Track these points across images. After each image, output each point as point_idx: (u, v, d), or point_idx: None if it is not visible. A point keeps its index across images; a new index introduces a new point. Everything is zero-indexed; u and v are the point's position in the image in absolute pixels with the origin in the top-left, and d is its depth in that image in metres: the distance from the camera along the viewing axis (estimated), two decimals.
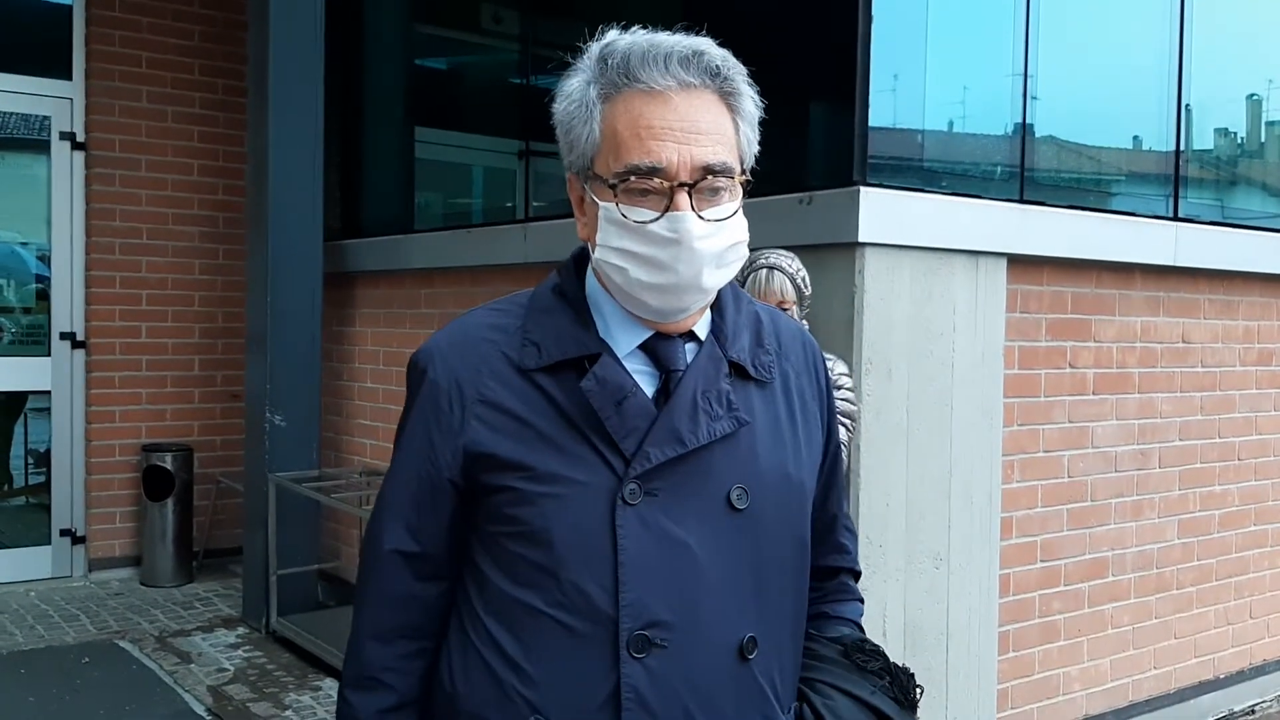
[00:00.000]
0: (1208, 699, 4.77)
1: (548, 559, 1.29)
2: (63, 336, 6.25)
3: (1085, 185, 4.48)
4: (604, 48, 1.30)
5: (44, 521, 6.30)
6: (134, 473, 6.33)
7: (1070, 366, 4.16)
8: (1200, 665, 4.75)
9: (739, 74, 1.31)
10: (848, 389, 3.12)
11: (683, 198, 1.26)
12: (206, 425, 6.62)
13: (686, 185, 1.26)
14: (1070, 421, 4.17)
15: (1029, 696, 4.10)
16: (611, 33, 1.32)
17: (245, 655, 5.06)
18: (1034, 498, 4.07)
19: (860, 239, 3.39)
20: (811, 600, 1.48)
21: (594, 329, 1.34)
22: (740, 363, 1.37)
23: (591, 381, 1.30)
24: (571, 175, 1.36)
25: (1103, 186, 4.58)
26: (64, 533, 6.29)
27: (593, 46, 1.32)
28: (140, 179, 6.38)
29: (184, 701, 4.49)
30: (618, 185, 1.27)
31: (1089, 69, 4.41)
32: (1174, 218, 4.57)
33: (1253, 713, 4.92)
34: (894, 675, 1.45)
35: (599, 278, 1.36)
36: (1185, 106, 4.63)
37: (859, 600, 1.60)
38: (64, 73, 6.21)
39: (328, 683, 4.68)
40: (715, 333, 1.37)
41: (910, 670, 1.48)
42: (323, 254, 5.53)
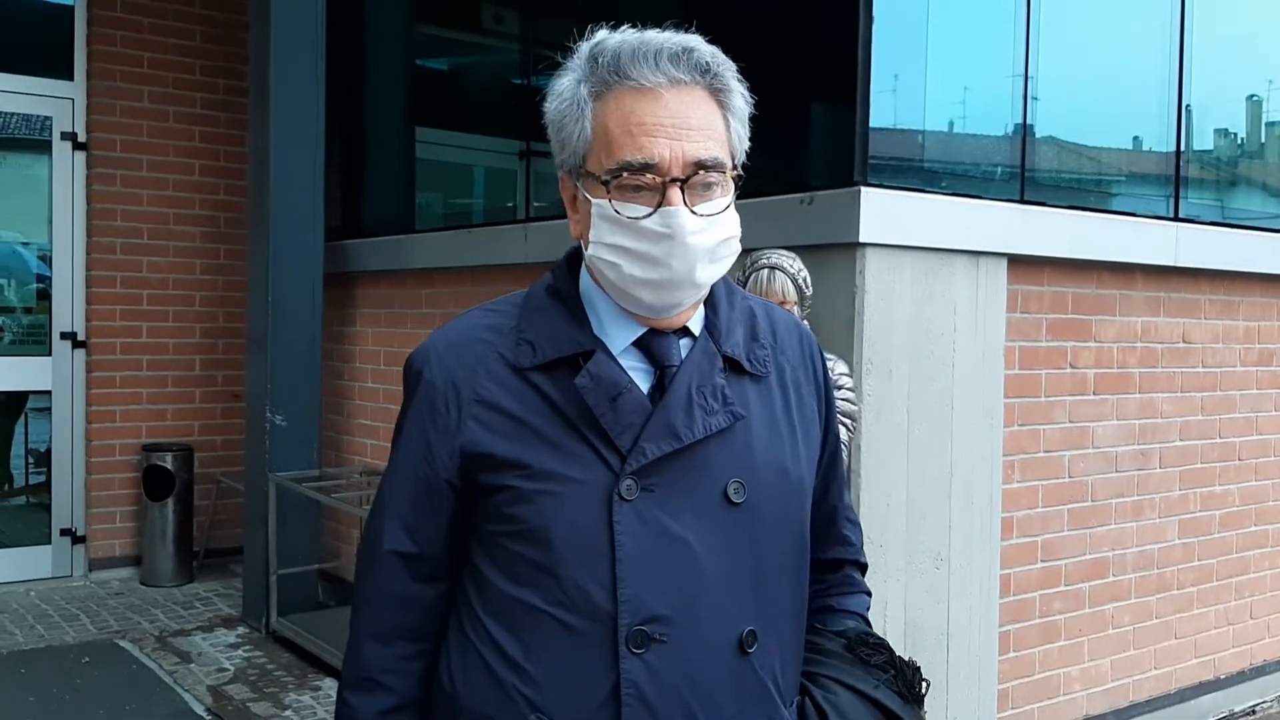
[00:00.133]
0: (1208, 699, 4.77)
1: (546, 557, 1.29)
2: (63, 336, 6.26)
3: (1086, 186, 4.48)
4: (594, 46, 1.31)
5: (44, 521, 6.30)
6: (134, 472, 6.33)
7: (1071, 367, 4.16)
8: (1201, 665, 4.74)
9: (729, 70, 1.32)
10: (848, 389, 3.12)
11: (675, 193, 1.26)
12: (207, 425, 6.62)
13: (679, 180, 1.26)
14: (1071, 421, 4.17)
15: (1029, 697, 4.10)
16: (601, 32, 1.32)
17: (245, 655, 5.06)
18: (1034, 498, 4.07)
19: (861, 239, 3.39)
20: (816, 593, 1.48)
21: (588, 327, 1.35)
22: (735, 357, 1.37)
23: (586, 378, 1.30)
24: (564, 174, 1.36)
25: (1103, 187, 4.58)
26: (64, 532, 6.29)
27: (583, 45, 1.32)
28: (141, 179, 6.38)
29: (184, 701, 4.49)
30: (610, 182, 1.27)
31: (1089, 69, 4.41)
32: (1174, 218, 4.57)
33: (1253, 713, 4.92)
34: (899, 669, 1.44)
35: (593, 275, 1.36)
36: (1186, 107, 4.63)
37: (865, 593, 1.59)
38: (65, 73, 6.21)
39: (328, 683, 4.68)
40: (709, 328, 1.38)
41: (916, 664, 1.47)
42: (323, 254, 5.53)
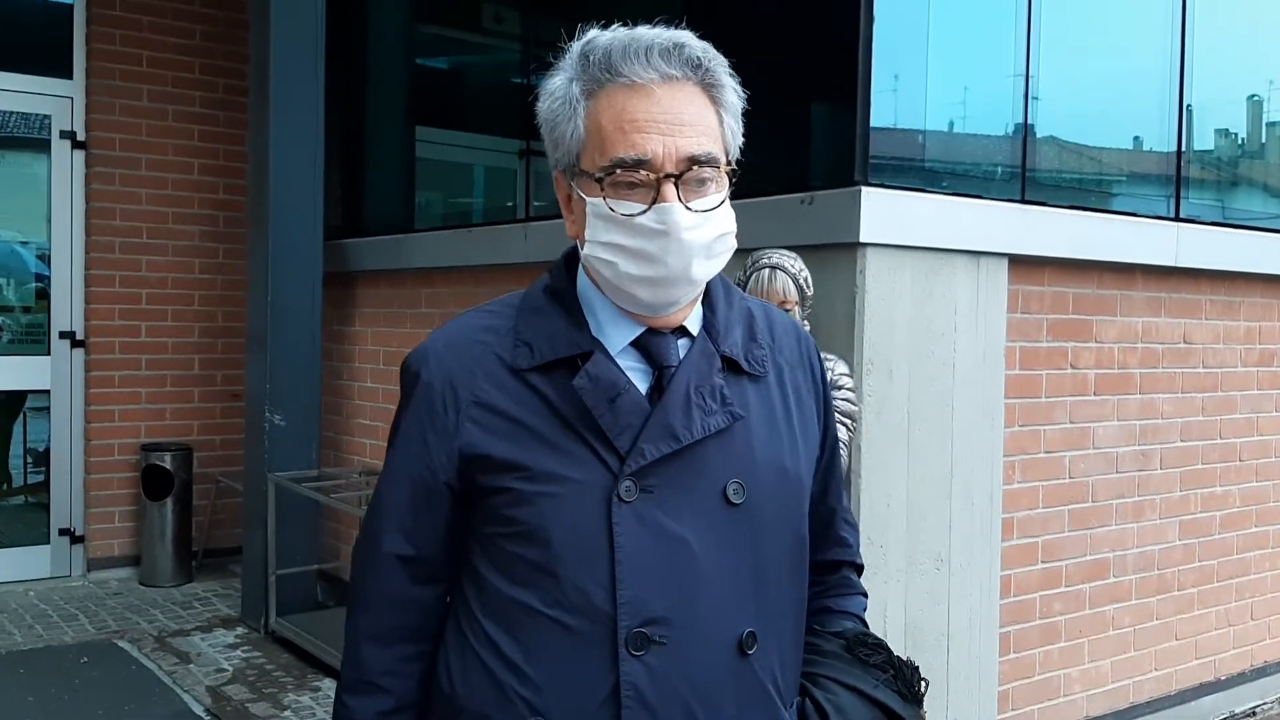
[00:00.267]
0: (1209, 700, 4.76)
1: (545, 558, 1.28)
2: (62, 335, 6.25)
3: (1086, 186, 4.47)
4: (585, 45, 1.30)
5: (43, 521, 6.30)
6: (133, 472, 6.33)
7: (1071, 367, 4.15)
8: (1201, 667, 4.74)
9: (720, 65, 1.31)
10: (848, 389, 3.11)
11: (669, 189, 1.25)
12: (206, 425, 6.61)
13: (673, 176, 1.25)
14: (1071, 422, 4.16)
15: (1030, 698, 4.09)
16: (593, 30, 1.32)
17: (244, 655, 5.05)
18: (1035, 499, 4.06)
19: (862, 239, 3.38)
20: (813, 595, 1.48)
21: (586, 327, 1.34)
22: (733, 357, 1.36)
23: (584, 379, 1.29)
24: (558, 173, 1.36)
25: (1104, 187, 4.57)
26: (63, 532, 6.29)
27: (574, 44, 1.32)
28: (140, 178, 6.38)
29: (183, 702, 4.49)
30: (604, 179, 1.27)
31: (1090, 70, 4.40)
32: (1175, 218, 4.57)
33: (1254, 714, 4.92)
34: (898, 669, 1.44)
35: (590, 275, 1.36)
36: (1186, 107, 4.63)
37: (862, 594, 1.59)
38: (64, 72, 6.21)
39: (326, 683, 4.68)
40: (707, 328, 1.37)
41: (914, 664, 1.47)
42: (323, 253, 5.53)
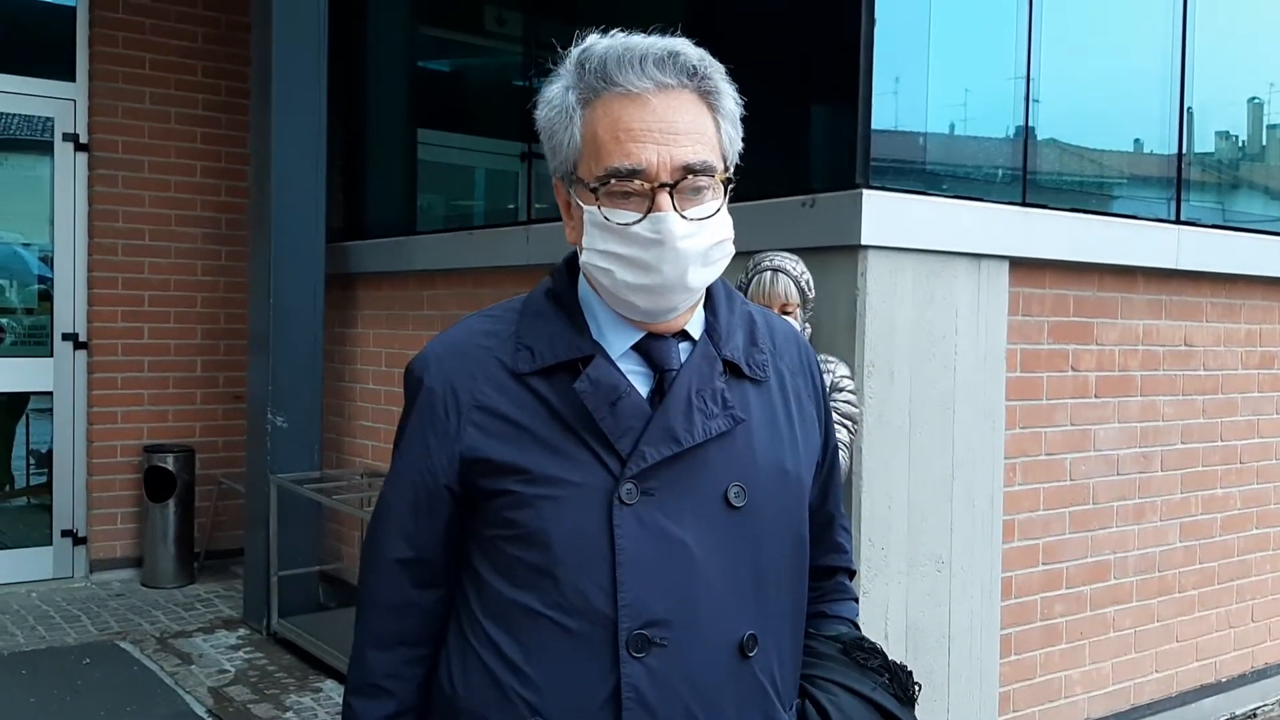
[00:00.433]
0: (1209, 702, 4.76)
1: (546, 560, 1.29)
2: (65, 337, 6.26)
3: (1087, 188, 4.48)
4: (581, 53, 1.31)
5: (45, 522, 6.30)
6: (135, 473, 6.33)
7: (1072, 369, 4.15)
8: (1202, 669, 4.74)
9: (717, 72, 1.32)
10: (849, 391, 3.12)
11: (664, 198, 1.26)
12: (208, 426, 6.62)
13: (668, 186, 1.26)
14: (1072, 424, 4.16)
15: (1031, 700, 4.09)
16: (591, 36, 1.32)
17: (246, 657, 5.06)
18: (1036, 500, 4.06)
19: (863, 242, 3.39)
20: (809, 599, 1.49)
21: (587, 331, 1.35)
22: (735, 361, 1.37)
23: (585, 383, 1.30)
24: (557, 180, 1.36)
25: (1105, 189, 4.57)
26: (65, 533, 6.29)
27: (571, 52, 1.32)
28: (143, 180, 6.39)
29: (185, 703, 4.49)
30: (599, 189, 1.28)
31: (1091, 72, 4.40)
32: (1176, 221, 4.57)
33: (1255, 716, 4.92)
34: (893, 673, 1.46)
35: (589, 280, 1.36)
36: (1187, 110, 4.63)
37: (855, 599, 1.61)
38: (67, 74, 6.22)
39: (329, 684, 4.68)
40: (709, 332, 1.38)
41: (908, 668, 1.49)
42: (325, 255, 5.53)
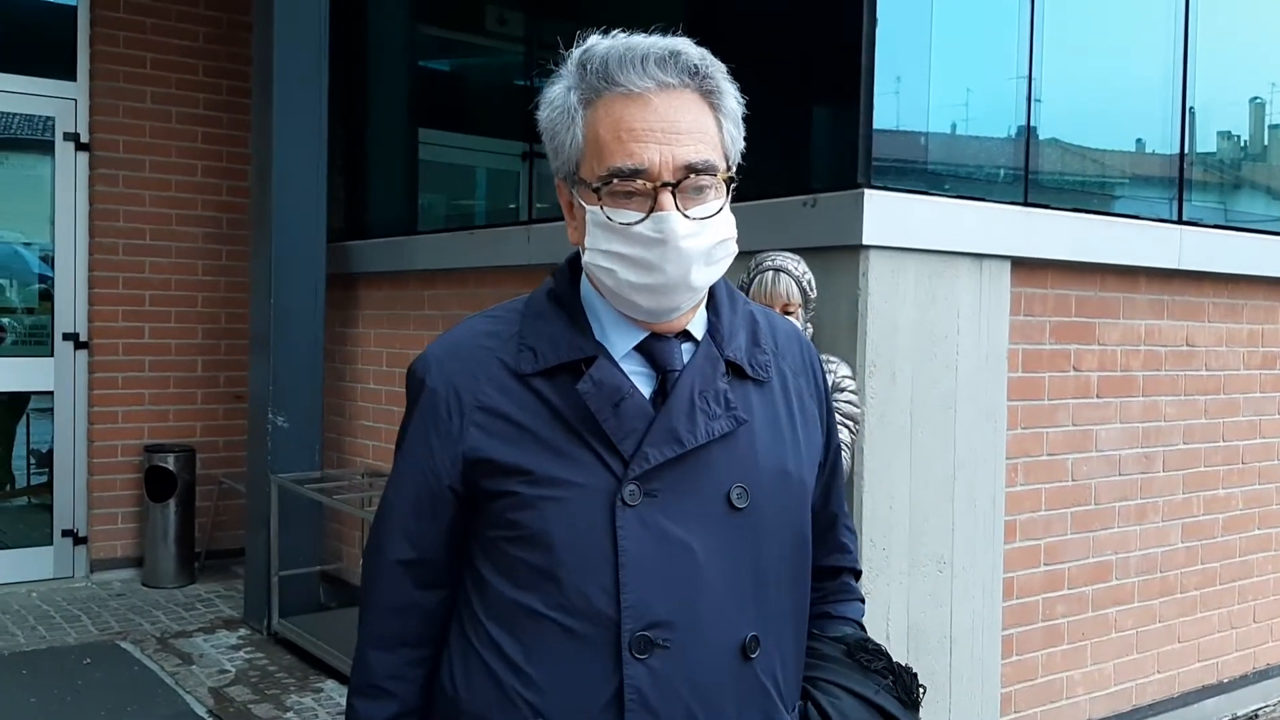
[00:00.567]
0: (1211, 703, 4.76)
1: (548, 562, 1.29)
2: (65, 337, 6.26)
3: (1089, 188, 4.47)
4: (583, 53, 1.31)
5: (46, 522, 6.30)
6: (136, 473, 6.33)
7: (1074, 369, 4.15)
8: (1204, 669, 4.73)
9: (719, 71, 1.32)
10: (851, 391, 3.11)
11: (666, 198, 1.26)
12: (209, 426, 6.62)
13: (670, 185, 1.26)
14: (1074, 424, 4.16)
15: (1032, 700, 4.09)
16: (592, 37, 1.32)
17: (247, 657, 5.05)
18: (1037, 501, 4.06)
19: (864, 241, 3.38)
20: (813, 600, 1.48)
21: (590, 332, 1.34)
22: (737, 362, 1.37)
23: (588, 384, 1.30)
24: (559, 180, 1.37)
25: (1107, 189, 4.57)
26: (66, 533, 6.29)
27: (572, 52, 1.32)
28: (144, 180, 6.39)
29: (185, 703, 4.49)
30: (602, 189, 1.28)
31: (1093, 72, 4.40)
32: (1178, 221, 4.56)
33: (1256, 717, 4.91)
34: (897, 675, 1.45)
35: (592, 281, 1.36)
36: (1189, 110, 4.63)
37: (860, 600, 1.61)
38: (68, 73, 6.21)
39: (329, 684, 4.68)
40: (712, 332, 1.38)
41: (913, 670, 1.48)
42: (326, 255, 5.53)
